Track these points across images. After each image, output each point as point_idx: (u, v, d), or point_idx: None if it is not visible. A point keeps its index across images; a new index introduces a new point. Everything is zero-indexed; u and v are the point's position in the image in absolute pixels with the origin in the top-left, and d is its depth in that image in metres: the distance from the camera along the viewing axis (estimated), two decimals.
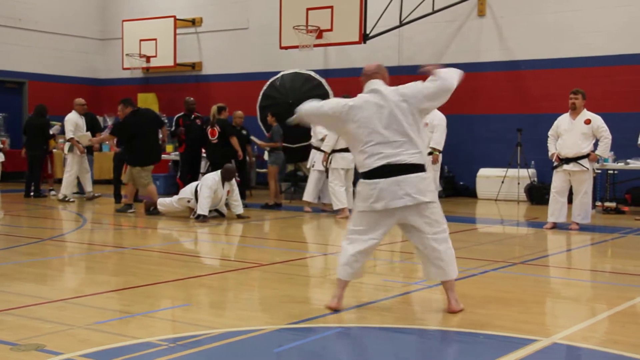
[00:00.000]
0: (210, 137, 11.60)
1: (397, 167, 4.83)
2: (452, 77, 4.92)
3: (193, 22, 17.74)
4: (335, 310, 4.96)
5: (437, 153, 10.72)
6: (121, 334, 4.39)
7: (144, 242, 8.94)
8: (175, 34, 16.95)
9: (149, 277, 6.36)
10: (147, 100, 17.98)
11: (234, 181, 10.53)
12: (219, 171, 10.39)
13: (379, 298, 5.28)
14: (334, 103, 5.12)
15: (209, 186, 10.17)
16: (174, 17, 17.07)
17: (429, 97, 4.92)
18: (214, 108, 11.75)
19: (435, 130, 10.65)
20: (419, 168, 4.87)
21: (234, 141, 11.61)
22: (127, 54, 17.40)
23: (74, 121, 13.12)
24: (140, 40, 17.22)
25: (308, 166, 11.79)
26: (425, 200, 4.85)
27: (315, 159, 11.46)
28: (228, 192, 10.45)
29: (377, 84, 5.02)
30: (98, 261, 7.40)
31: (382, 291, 5.54)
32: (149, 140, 11.25)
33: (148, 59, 17.27)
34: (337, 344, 4.42)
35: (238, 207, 10.57)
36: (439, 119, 10.67)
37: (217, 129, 11.55)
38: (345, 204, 10.86)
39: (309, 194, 11.57)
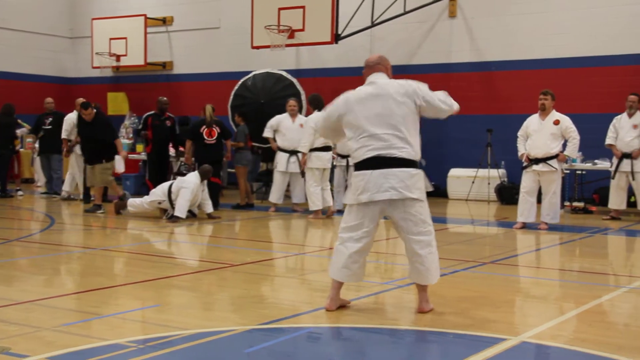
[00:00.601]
0: (206, 137, 11.34)
1: (387, 159, 4.82)
2: (449, 107, 5.01)
3: (164, 21, 17.59)
4: (329, 310, 4.97)
5: None
6: (89, 335, 4.34)
7: (114, 243, 8.85)
8: (145, 33, 16.79)
9: (118, 277, 6.30)
10: (117, 100, 17.82)
11: (205, 180, 10.49)
12: (197, 172, 10.30)
13: (351, 298, 5.28)
14: (333, 104, 5.12)
15: (191, 189, 10.04)
16: (145, 15, 16.91)
17: (426, 105, 4.92)
18: (209, 108, 11.49)
19: None
20: (408, 163, 4.85)
21: (229, 143, 11.59)
22: (96, 53, 17.21)
23: (72, 121, 12.87)
24: (110, 38, 17.04)
25: (274, 167, 11.76)
26: (411, 196, 4.83)
27: (277, 160, 11.45)
28: (202, 191, 10.41)
29: (377, 77, 5.01)
30: (66, 262, 7.32)
31: (353, 291, 5.54)
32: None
33: (118, 57, 17.09)
34: (308, 345, 4.41)
35: (208, 206, 10.52)
36: None
37: (216, 129, 11.40)
38: (320, 206, 10.83)
39: (272, 195, 11.57)
